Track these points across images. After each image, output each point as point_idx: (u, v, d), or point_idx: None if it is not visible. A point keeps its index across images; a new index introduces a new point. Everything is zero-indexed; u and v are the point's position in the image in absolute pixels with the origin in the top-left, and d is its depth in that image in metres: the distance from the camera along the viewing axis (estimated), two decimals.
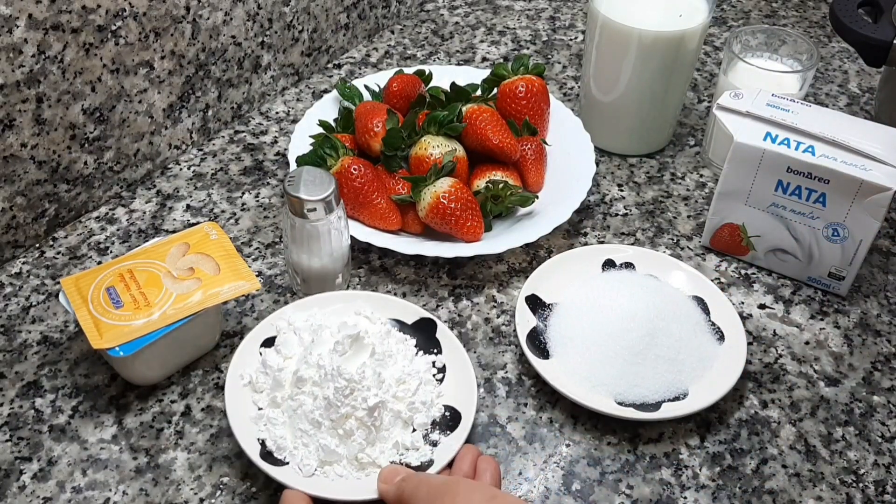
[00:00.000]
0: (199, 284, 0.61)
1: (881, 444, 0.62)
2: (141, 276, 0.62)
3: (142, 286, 0.61)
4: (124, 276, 0.62)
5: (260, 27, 0.85)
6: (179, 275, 0.62)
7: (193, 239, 0.65)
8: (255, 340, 0.63)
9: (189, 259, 0.63)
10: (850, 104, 0.94)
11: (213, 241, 0.65)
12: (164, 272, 0.62)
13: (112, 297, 0.60)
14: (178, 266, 0.62)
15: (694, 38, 0.78)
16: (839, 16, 0.78)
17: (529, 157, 0.77)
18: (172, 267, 0.62)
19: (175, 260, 0.63)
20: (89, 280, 0.62)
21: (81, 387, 0.64)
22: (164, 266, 0.62)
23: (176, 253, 0.64)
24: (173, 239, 0.65)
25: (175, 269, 0.62)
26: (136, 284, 0.61)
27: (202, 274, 0.62)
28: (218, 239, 0.65)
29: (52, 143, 0.71)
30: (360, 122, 0.76)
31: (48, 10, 0.66)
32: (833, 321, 0.71)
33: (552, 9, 1.08)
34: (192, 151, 0.84)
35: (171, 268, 0.62)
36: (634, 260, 0.72)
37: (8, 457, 0.59)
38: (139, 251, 0.65)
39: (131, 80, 0.75)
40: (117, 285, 0.61)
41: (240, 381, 0.60)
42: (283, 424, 0.58)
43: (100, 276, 0.62)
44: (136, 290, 0.61)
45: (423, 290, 0.72)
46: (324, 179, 0.64)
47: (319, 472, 0.56)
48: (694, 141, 0.89)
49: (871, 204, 0.66)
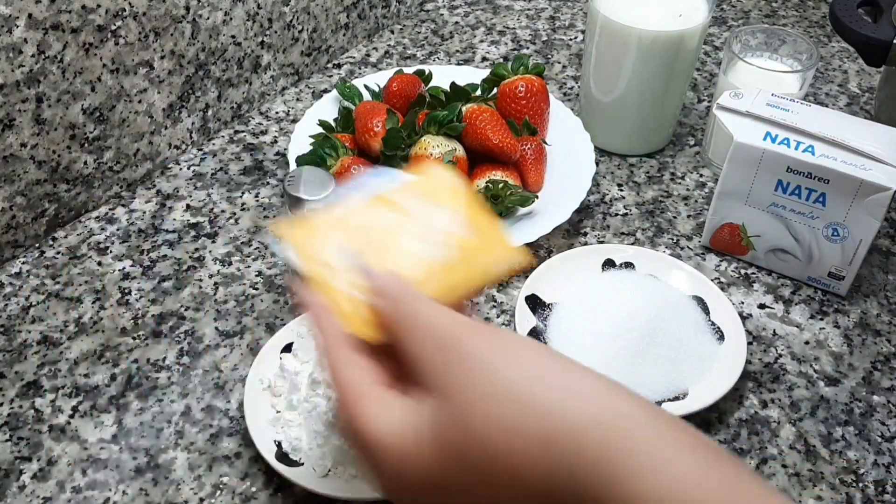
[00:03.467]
0: (459, 254, 0.44)
1: (881, 443, 0.62)
2: (381, 234, 0.45)
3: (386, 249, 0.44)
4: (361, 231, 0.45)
5: (260, 27, 0.85)
6: (434, 238, 0.45)
7: (435, 188, 0.47)
8: (276, 346, 0.63)
9: (439, 216, 0.45)
10: (850, 104, 0.94)
11: (458, 191, 0.47)
12: (412, 232, 0.45)
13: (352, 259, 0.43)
14: (427, 223, 0.45)
15: (694, 38, 0.78)
16: (839, 15, 0.78)
17: (529, 156, 0.77)
18: (419, 224, 0.45)
19: (422, 215, 0.46)
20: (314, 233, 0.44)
21: (81, 387, 0.64)
22: (409, 222, 0.45)
23: (421, 206, 0.46)
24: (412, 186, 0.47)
25: (425, 229, 0.45)
26: (379, 244, 0.44)
27: (462, 239, 0.45)
28: (464, 191, 0.47)
29: (51, 143, 0.71)
30: (359, 122, 0.76)
31: (48, 10, 0.66)
32: (833, 321, 0.71)
33: (552, 8, 1.08)
34: (191, 151, 0.84)
35: (419, 226, 0.45)
36: (634, 260, 0.72)
37: (8, 457, 0.59)
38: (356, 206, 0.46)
39: (131, 79, 0.75)
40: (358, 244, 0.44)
41: (259, 384, 0.61)
42: (298, 426, 0.59)
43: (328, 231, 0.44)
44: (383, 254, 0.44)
45: None
46: (324, 179, 0.64)
47: (333, 473, 0.57)
48: (694, 141, 0.89)
49: (870, 203, 0.66)
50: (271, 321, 0.69)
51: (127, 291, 0.71)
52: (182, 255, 0.74)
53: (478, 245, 0.44)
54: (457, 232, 0.45)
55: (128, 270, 0.72)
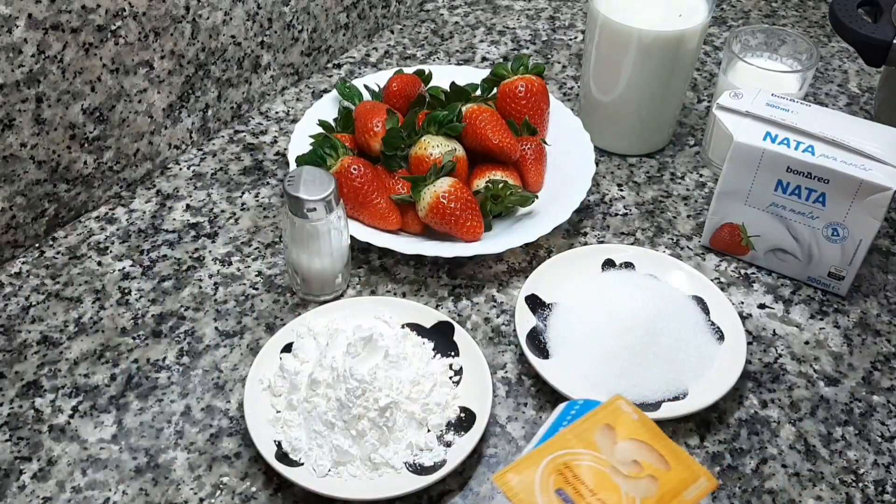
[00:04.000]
0: (656, 485, 0.46)
1: (881, 443, 0.62)
2: (584, 473, 0.46)
3: (593, 488, 0.46)
4: (564, 472, 0.46)
5: (259, 27, 0.85)
6: (629, 471, 0.46)
7: (615, 419, 0.49)
8: (276, 346, 0.63)
9: (626, 448, 0.48)
10: (850, 104, 0.94)
11: (635, 421, 0.49)
12: (609, 467, 0.46)
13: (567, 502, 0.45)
14: (619, 458, 0.47)
15: (694, 38, 0.78)
16: (839, 15, 0.78)
17: (529, 156, 0.77)
18: (613, 459, 0.47)
19: (610, 449, 0.47)
20: (529, 476, 0.46)
21: (81, 387, 0.64)
22: (603, 458, 0.47)
23: (605, 439, 0.48)
24: (591, 419, 0.49)
25: (619, 463, 0.47)
26: (584, 485, 0.46)
27: (653, 469, 0.47)
28: (640, 420, 0.49)
29: (51, 143, 0.71)
30: (359, 122, 0.76)
31: (48, 10, 0.66)
32: (833, 321, 0.71)
33: (552, 8, 1.08)
34: (191, 151, 0.84)
35: (612, 461, 0.47)
36: (634, 260, 0.72)
37: (8, 457, 0.59)
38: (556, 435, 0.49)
39: (131, 79, 0.75)
40: (565, 487, 0.45)
41: (259, 385, 0.61)
42: (298, 426, 0.59)
43: (539, 471, 0.46)
44: (591, 495, 0.45)
45: (422, 289, 0.72)
46: (324, 179, 0.64)
47: (333, 473, 0.57)
48: (694, 141, 0.89)
49: (870, 203, 0.66)
50: (271, 321, 0.69)
51: (127, 291, 0.71)
52: (182, 255, 0.74)
53: (671, 474, 0.46)
54: (649, 462, 0.46)
55: (128, 270, 0.72)
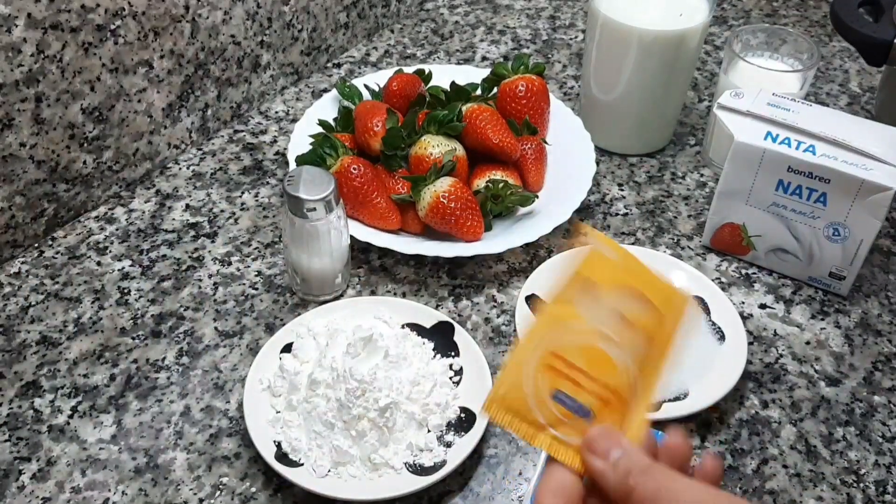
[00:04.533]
0: (646, 340, 0.41)
1: (882, 444, 0.62)
2: (575, 355, 0.40)
3: (589, 371, 0.40)
4: (555, 364, 0.40)
5: (259, 26, 0.85)
6: (617, 334, 0.40)
7: (593, 268, 0.42)
8: (276, 346, 0.63)
9: (610, 301, 0.41)
10: (851, 103, 0.94)
11: (615, 264, 0.42)
12: (597, 335, 0.40)
13: (568, 405, 0.39)
14: (604, 319, 0.41)
15: (694, 38, 0.78)
16: (840, 15, 0.78)
17: (529, 156, 0.77)
18: (599, 322, 0.41)
19: (594, 308, 0.41)
20: (517, 393, 0.40)
21: (80, 387, 0.63)
22: (588, 326, 0.41)
23: (587, 297, 0.41)
24: (570, 277, 0.42)
25: (605, 325, 0.41)
26: (580, 372, 0.40)
27: (641, 322, 0.41)
28: (620, 259, 0.43)
29: (51, 143, 0.71)
30: (359, 122, 0.76)
31: (47, 10, 0.66)
32: (834, 321, 0.71)
33: (552, 8, 1.08)
34: (191, 151, 0.84)
35: (599, 325, 0.40)
36: None
37: (7, 457, 0.59)
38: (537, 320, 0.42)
39: (130, 79, 0.75)
40: (561, 384, 0.40)
41: (258, 385, 0.61)
42: (298, 427, 0.59)
43: (527, 381, 0.40)
44: (590, 382, 0.40)
45: (423, 289, 0.72)
46: (323, 179, 0.64)
47: (333, 473, 0.57)
48: (694, 140, 0.89)
49: (871, 203, 0.65)
50: (271, 321, 0.69)
51: (126, 291, 0.70)
52: (181, 255, 0.74)
53: (656, 317, 0.41)
54: (633, 313, 0.41)
55: (127, 270, 0.72)
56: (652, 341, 0.41)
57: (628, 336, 0.41)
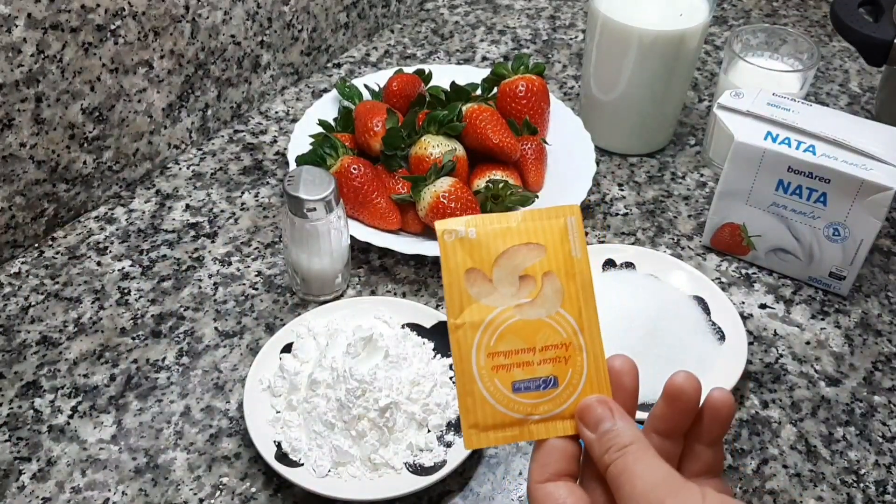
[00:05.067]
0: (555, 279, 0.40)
1: (882, 444, 0.62)
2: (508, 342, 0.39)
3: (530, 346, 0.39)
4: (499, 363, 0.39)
5: (259, 26, 0.85)
6: (529, 294, 0.40)
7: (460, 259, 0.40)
8: (276, 346, 0.63)
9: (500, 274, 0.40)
10: (851, 103, 0.94)
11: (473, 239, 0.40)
12: (514, 310, 0.39)
13: (531, 387, 0.39)
14: (509, 293, 0.40)
15: (694, 38, 0.78)
16: (840, 15, 0.78)
17: (529, 156, 0.77)
18: (506, 298, 0.40)
19: (491, 292, 0.40)
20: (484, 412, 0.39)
21: (80, 387, 0.63)
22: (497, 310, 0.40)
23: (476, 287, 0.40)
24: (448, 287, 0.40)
25: (517, 295, 0.40)
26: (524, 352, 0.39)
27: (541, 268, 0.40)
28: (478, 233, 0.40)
29: (51, 143, 0.71)
30: (359, 122, 0.76)
31: (47, 10, 0.66)
32: (834, 321, 0.71)
33: (552, 8, 1.08)
34: (191, 151, 0.84)
35: (507, 302, 0.40)
36: (635, 260, 0.72)
37: (7, 457, 0.59)
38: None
39: (130, 79, 0.75)
40: (514, 374, 0.39)
41: (259, 385, 0.61)
42: (298, 427, 0.59)
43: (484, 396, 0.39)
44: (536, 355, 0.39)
45: (423, 289, 0.72)
46: (323, 179, 0.64)
47: (333, 473, 0.57)
48: (694, 140, 0.89)
49: (871, 203, 0.65)
50: (271, 321, 0.69)
51: (126, 291, 0.70)
52: (181, 255, 0.74)
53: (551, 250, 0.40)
54: (527, 264, 0.40)
55: (127, 270, 0.72)
56: (561, 273, 0.40)
57: (538, 287, 0.40)
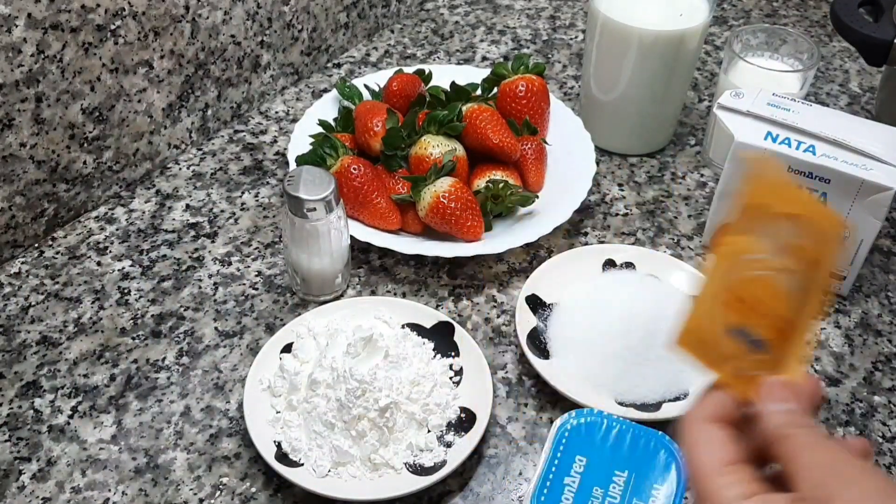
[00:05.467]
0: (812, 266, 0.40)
1: (882, 444, 0.62)
2: (751, 289, 0.40)
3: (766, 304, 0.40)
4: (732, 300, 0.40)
5: (259, 26, 0.85)
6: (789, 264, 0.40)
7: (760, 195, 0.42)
8: (276, 346, 0.63)
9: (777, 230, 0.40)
10: (851, 103, 0.94)
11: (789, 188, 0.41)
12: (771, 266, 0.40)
13: (744, 339, 0.40)
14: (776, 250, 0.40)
15: (694, 38, 0.78)
16: (840, 15, 0.78)
17: (529, 156, 0.77)
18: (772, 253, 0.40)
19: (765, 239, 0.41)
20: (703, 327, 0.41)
21: (80, 387, 0.63)
22: (761, 257, 0.40)
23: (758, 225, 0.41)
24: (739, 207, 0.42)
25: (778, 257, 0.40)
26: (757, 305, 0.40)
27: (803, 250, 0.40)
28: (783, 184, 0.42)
29: (51, 143, 0.71)
30: (359, 122, 0.76)
31: (47, 10, 0.66)
32: (834, 321, 0.71)
33: (552, 8, 1.08)
34: (191, 151, 0.84)
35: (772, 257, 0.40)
36: (635, 260, 0.72)
37: (7, 457, 0.59)
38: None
39: (130, 79, 0.75)
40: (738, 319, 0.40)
41: (259, 385, 0.61)
42: (298, 427, 0.59)
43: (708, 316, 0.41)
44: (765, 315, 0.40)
45: (423, 289, 0.72)
46: (323, 179, 0.64)
47: (333, 473, 0.57)
48: (694, 140, 0.89)
49: (872, 203, 0.65)
50: (271, 321, 0.69)
51: (126, 291, 0.70)
52: (181, 255, 0.74)
53: (818, 240, 0.40)
54: (797, 239, 0.40)
55: (127, 270, 0.72)
56: (814, 265, 0.40)
57: (795, 263, 0.40)
